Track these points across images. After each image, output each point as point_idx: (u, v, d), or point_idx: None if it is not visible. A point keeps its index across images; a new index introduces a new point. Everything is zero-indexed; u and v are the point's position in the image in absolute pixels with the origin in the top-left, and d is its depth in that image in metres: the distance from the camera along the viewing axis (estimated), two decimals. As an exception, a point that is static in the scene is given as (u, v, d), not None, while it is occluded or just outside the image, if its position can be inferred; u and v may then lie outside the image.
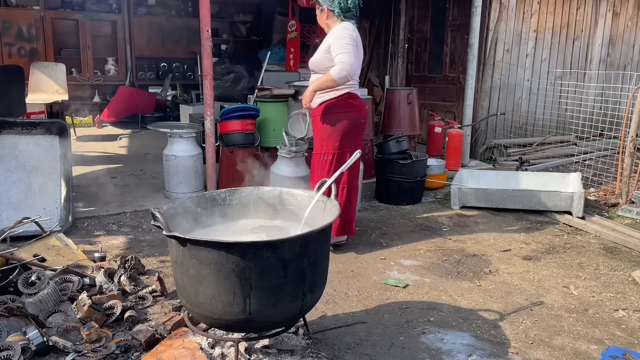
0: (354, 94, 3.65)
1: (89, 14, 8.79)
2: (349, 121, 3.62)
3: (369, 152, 5.60)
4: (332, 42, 3.49)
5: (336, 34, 3.50)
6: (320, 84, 3.51)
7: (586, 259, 3.84)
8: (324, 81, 3.49)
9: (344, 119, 3.61)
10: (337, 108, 3.60)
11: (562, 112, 7.01)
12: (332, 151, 3.64)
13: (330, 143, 3.64)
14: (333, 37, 3.50)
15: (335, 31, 3.53)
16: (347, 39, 3.46)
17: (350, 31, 3.50)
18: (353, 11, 3.60)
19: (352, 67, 3.43)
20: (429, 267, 3.65)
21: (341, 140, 3.62)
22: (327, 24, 3.65)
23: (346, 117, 3.61)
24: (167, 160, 4.85)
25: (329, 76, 3.43)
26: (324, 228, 2.23)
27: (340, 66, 3.39)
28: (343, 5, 3.55)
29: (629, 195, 4.87)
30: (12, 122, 4.17)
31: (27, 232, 3.58)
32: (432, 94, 7.49)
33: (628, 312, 3.06)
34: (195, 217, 2.57)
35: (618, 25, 7.67)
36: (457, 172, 5.36)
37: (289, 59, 7.52)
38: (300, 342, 2.57)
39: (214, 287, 2.11)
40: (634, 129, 4.73)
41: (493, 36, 6.60)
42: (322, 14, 3.64)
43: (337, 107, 3.60)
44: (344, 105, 3.61)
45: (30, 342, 2.41)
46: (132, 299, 2.98)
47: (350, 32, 3.50)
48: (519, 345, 2.68)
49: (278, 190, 2.73)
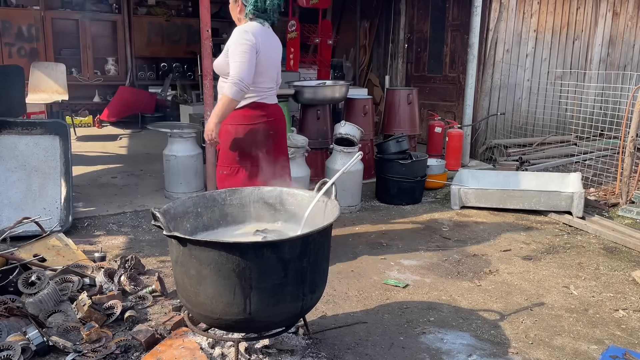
0: (261, 104, 3.26)
1: (89, 14, 8.79)
2: (253, 133, 3.25)
3: (369, 152, 5.61)
4: (229, 47, 3.15)
5: (234, 38, 3.14)
6: (221, 112, 3.11)
7: (586, 259, 3.84)
8: (222, 106, 3.10)
9: (247, 131, 3.24)
10: (240, 119, 3.23)
11: (562, 112, 7.01)
12: (235, 165, 3.28)
13: (230, 156, 3.28)
14: (231, 42, 3.15)
15: (234, 34, 3.17)
16: (243, 46, 3.08)
17: (249, 35, 3.10)
18: (269, 13, 3.26)
19: (245, 78, 3.06)
20: (429, 267, 3.65)
21: (243, 153, 3.26)
22: (238, 18, 3.30)
23: (250, 128, 3.24)
24: (167, 160, 4.85)
25: (225, 97, 3.08)
26: (325, 228, 2.24)
27: (231, 81, 3.05)
28: (259, 5, 3.20)
29: (629, 195, 4.87)
30: (12, 122, 4.18)
31: (27, 232, 3.58)
32: (432, 94, 7.49)
33: (628, 312, 3.06)
34: (196, 217, 2.57)
35: (618, 25, 7.67)
36: (457, 172, 5.36)
37: (289, 59, 7.53)
38: (300, 342, 2.57)
39: (214, 287, 2.12)
40: (634, 129, 4.73)
41: (493, 36, 6.60)
42: (235, 5, 3.29)
43: (239, 118, 3.23)
44: (248, 116, 3.24)
45: (30, 342, 2.41)
46: (132, 299, 2.98)
47: (249, 37, 3.10)
48: (519, 345, 2.68)
49: (278, 190, 2.73)
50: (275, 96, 3.41)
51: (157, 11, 9.59)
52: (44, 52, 8.44)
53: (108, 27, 9.21)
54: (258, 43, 3.13)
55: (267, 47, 3.20)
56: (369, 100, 5.74)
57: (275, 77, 3.38)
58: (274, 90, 3.39)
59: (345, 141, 4.90)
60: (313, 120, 5.32)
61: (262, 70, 3.20)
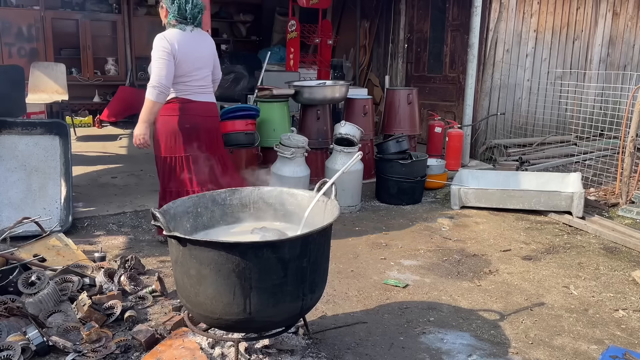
0: (185, 99, 3.58)
1: (89, 14, 8.79)
2: (177, 125, 3.58)
3: (369, 152, 5.61)
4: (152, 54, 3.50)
5: (154, 45, 3.48)
6: (146, 116, 3.48)
7: (586, 259, 3.84)
8: (146, 109, 3.46)
9: (167, 122, 3.59)
10: (166, 111, 3.57)
11: (562, 112, 7.01)
12: (162, 155, 3.66)
13: (158, 146, 3.67)
14: (153, 47, 3.49)
15: (154, 41, 3.49)
16: (160, 53, 3.42)
17: (165, 43, 3.43)
18: (190, 20, 3.56)
19: (162, 82, 3.40)
20: (429, 267, 3.65)
21: (168, 144, 3.61)
22: (165, 22, 3.63)
23: (170, 127, 3.58)
24: (167, 160, 4.84)
25: (148, 101, 3.44)
26: (324, 228, 2.23)
27: (150, 86, 3.41)
28: (181, 13, 3.52)
29: (629, 195, 4.87)
30: (12, 122, 4.18)
31: (27, 232, 3.58)
32: (432, 94, 7.49)
33: (628, 312, 3.06)
34: (196, 217, 2.57)
35: (618, 25, 7.67)
36: (457, 172, 5.36)
37: (289, 59, 7.53)
38: (300, 342, 2.57)
39: (214, 287, 2.12)
40: (634, 129, 4.73)
41: (493, 36, 6.60)
42: (162, 10, 3.62)
43: (163, 110, 3.56)
44: (169, 109, 3.57)
45: (30, 342, 2.41)
46: (132, 299, 2.98)
47: (165, 44, 3.43)
48: (519, 345, 2.68)
49: (278, 190, 2.73)
50: (207, 94, 3.71)
51: (157, 11, 9.58)
52: (44, 52, 8.43)
53: (108, 27, 9.21)
54: (174, 49, 3.44)
55: (187, 51, 3.51)
56: (369, 100, 5.74)
57: (205, 75, 3.67)
58: (204, 88, 3.68)
59: (345, 141, 4.91)
60: (313, 120, 5.32)
61: (185, 72, 3.53)
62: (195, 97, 3.63)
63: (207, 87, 3.72)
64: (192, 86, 3.60)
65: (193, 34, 3.58)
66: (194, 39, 3.58)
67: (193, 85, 3.60)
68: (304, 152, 4.62)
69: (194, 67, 3.57)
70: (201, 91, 3.66)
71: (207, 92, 3.73)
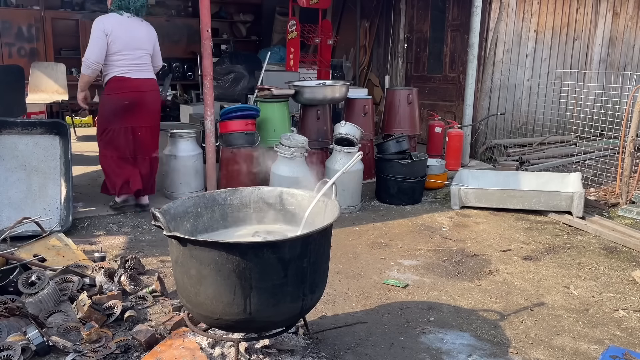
0: (122, 77, 4.19)
1: (89, 14, 8.79)
2: (114, 102, 4.21)
3: (369, 152, 5.61)
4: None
5: (92, 24, 4.13)
6: (80, 85, 4.30)
7: (586, 259, 3.85)
8: (80, 80, 4.28)
9: (110, 101, 4.24)
10: (106, 91, 4.27)
11: (562, 112, 7.01)
12: (102, 128, 4.31)
13: (100, 122, 4.34)
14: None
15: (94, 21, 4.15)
16: (93, 33, 4.09)
17: (100, 23, 4.10)
18: (132, 10, 4.22)
19: (91, 57, 4.08)
20: (429, 267, 3.65)
21: (108, 119, 4.26)
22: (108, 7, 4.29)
23: (112, 98, 4.23)
24: (167, 161, 4.85)
25: (81, 74, 4.21)
26: (325, 228, 2.23)
27: (83, 61, 4.13)
28: (123, 3, 4.19)
29: (629, 195, 4.87)
30: (12, 122, 4.17)
31: (27, 232, 3.59)
32: (432, 94, 7.49)
33: (628, 312, 3.06)
34: (196, 217, 2.57)
35: (618, 25, 7.67)
36: (457, 172, 5.36)
37: (289, 59, 7.53)
38: (300, 342, 2.57)
39: (214, 288, 2.12)
40: (634, 129, 4.73)
41: (493, 36, 6.60)
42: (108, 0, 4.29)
43: (106, 90, 4.27)
44: (110, 88, 4.23)
45: (30, 342, 2.41)
46: (132, 299, 2.98)
47: (100, 24, 4.09)
48: (519, 345, 2.68)
49: (278, 190, 2.73)
50: (144, 72, 4.30)
51: (157, 11, 9.60)
52: (44, 52, 8.44)
53: (108, 27, 9.19)
54: (107, 29, 4.08)
55: (121, 31, 4.13)
56: (369, 100, 5.74)
57: (141, 55, 4.26)
58: (141, 66, 4.28)
59: (345, 141, 4.91)
60: (313, 120, 5.32)
61: (119, 49, 4.14)
62: (132, 75, 4.22)
63: (144, 66, 4.29)
64: (128, 64, 4.19)
65: (130, 19, 4.21)
66: (129, 22, 4.20)
67: (129, 64, 4.19)
68: (304, 152, 4.62)
69: (128, 46, 4.17)
70: (138, 69, 4.25)
71: (145, 70, 4.31)
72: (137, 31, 4.23)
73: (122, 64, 4.16)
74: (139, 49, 4.22)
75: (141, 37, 4.24)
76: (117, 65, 4.16)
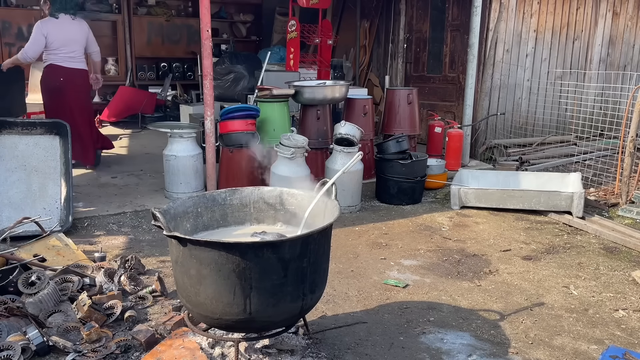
0: (55, 66, 5.28)
1: (89, 14, 8.79)
2: (47, 87, 5.32)
3: (369, 152, 5.61)
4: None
5: (34, 26, 5.22)
6: (13, 61, 5.29)
7: (586, 259, 3.85)
8: (14, 60, 5.28)
9: (45, 85, 5.34)
10: (43, 74, 5.37)
11: (562, 112, 7.01)
12: (43, 101, 5.41)
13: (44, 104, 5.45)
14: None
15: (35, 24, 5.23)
16: (33, 33, 5.17)
17: (40, 27, 5.17)
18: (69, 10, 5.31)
19: (27, 51, 5.16)
20: (429, 267, 3.65)
21: (45, 101, 5.41)
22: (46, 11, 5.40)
23: (46, 83, 5.33)
24: (167, 160, 4.85)
25: (17, 58, 5.24)
26: (325, 228, 2.24)
27: (21, 52, 5.19)
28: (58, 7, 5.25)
29: (629, 195, 4.87)
30: (12, 122, 4.18)
31: (27, 232, 3.58)
32: (431, 94, 7.49)
33: (628, 312, 3.06)
34: (196, 217, 2.57)
35: (618, 25, 7.67)
36: (457, 172, 5.36)
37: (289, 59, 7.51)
38: (300, 342, 2.57)
39: (214, 288, 2.12)
40: (634, 129, 4.73)
41: (493, 36, 6.60)
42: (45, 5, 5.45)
43: (43, 73, 5.37)
44: (45, 76, 5.36)
45: (30, 342, 2.41)
46: (132, 299, 2.98)
47: (38, 26, 5.18)
48: (519, 345, 2.68)
49: (278, 190, 2.73)
50: (75, 62, 5.38)
51: (157, 11, 9.60)
52: (44, 52, 8.42)
53: (108, 27, 9.21)
54: (44, 29, 5.17)
55: (56, 32, 5.21)
56: (369, 100, 5.74)
57: (73, 49, 5.34)
58: (73, 58, 5.35)
59: (345, 141, 4.90)
60: (313, 120, 5.31)
61: (55, 47, 5.23)
62: (63, 64, 5.29)
63: (75, 57, 5.37)
64: (61, 56, 5.27)
65: (64, 20, 5.27)
66: (63, 24, 5.27)
67: (62, 56, 5.27)
68: (304, 152, 4.62)
69: (61, 43, 5.25)
70: (69, 59, 5.32)
71: (76, 61, 5.38)
72: (69, 31, 5.30)
73: (56, 56, 5.26)
74: (71, 44, 5.30)
75: (73, 35, 5.33)
76: (53, 55, 5.26)
